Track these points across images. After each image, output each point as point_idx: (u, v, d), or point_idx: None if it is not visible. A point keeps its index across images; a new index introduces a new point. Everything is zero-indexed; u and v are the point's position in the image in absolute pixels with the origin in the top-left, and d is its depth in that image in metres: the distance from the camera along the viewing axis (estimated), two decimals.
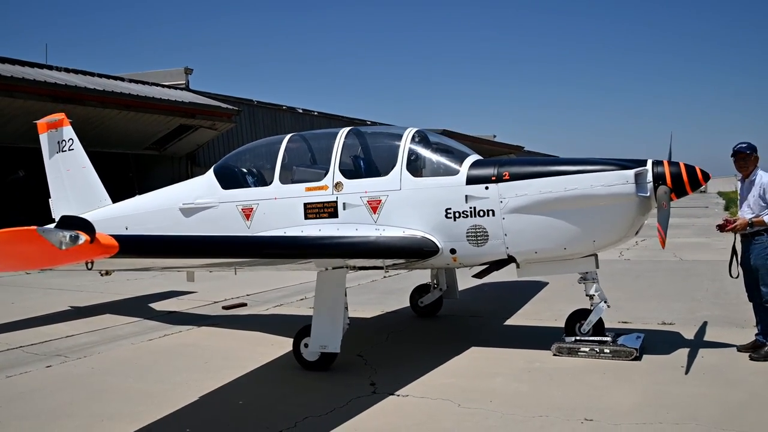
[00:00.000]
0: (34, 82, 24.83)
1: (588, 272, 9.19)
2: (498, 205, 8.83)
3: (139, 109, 29.23)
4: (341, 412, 7.14)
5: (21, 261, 5.78)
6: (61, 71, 28.60)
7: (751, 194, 8.81)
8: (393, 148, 9.62)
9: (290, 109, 43.94)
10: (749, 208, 8.79)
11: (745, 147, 8.89)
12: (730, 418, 6.65)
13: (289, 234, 9.55)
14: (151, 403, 7.59)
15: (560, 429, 6.53)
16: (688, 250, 21.56)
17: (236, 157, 11.31)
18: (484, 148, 55.27)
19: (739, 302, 12.40)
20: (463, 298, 13.01)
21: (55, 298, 15.39)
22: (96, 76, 30.34)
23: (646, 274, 16.87)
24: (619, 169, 8.61)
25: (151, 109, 29.82)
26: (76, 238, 4.64)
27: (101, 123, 28.28)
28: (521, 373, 8.44)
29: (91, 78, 29.54)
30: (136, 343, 10.83)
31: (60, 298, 15.36)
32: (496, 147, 64.15)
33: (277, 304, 14.18)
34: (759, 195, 8.71)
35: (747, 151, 8.87)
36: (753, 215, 8.69)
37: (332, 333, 8.62)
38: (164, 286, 16.54)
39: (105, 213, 12.28)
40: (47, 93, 24.82)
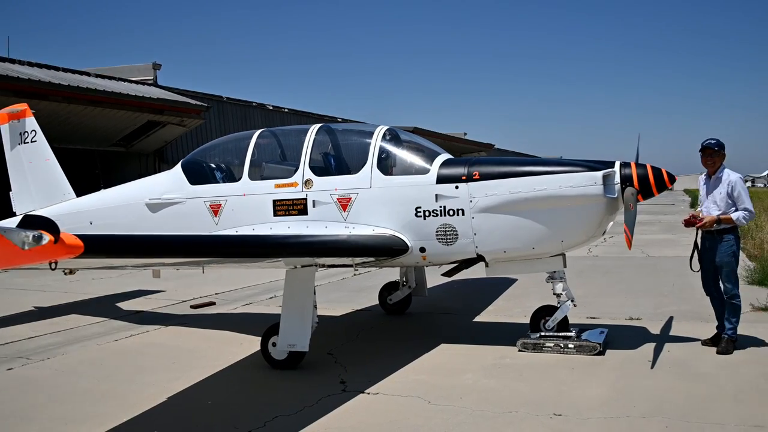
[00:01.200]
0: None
1: (556, 271, 9.29)
2: (468, 204, 8.88)
3: (106, 104, 28.79)
4: (311, 411, 7.12)
5: None
6: (24, 65, 28.07)
7: (718, 191, 8.87)
8: (364, 145, 9.62)
9: (260, 105, 43.68)
10: (715, 205, 8.84)
11: (713, 143, 8.97)
12: (695, 411, 6.79)
13: (258, 231, 9.50)
14: (117, 405, 7.48)
15: (529, 424, 6.60)
16: (655, 247, 21.88)
17: (204, 152, 11.20)
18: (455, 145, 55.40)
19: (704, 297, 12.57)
20: (432, 296, 13.04)
21: (18, 298, 15.02)
22: (61, 70, 29.82)
23: (613, 270, 17.09)
24: (587, 170, 8.72)
25: (118, 104, 29.39)
26: (40, 237, 4.55)
27: (66, 119, 27.85)
28: (491, 369, 8.50)
29: (55, 72, 29.03)
30: (102, 343, 10.66)
31: (23, 298, 15.01)
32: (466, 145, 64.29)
33: (246, 302, 14.09)
34: (727, 193, 8.76)
35: (715, 147, 8.94)
36: (720, 212, 8.74)
37: (301, 331, 8.59)
38: (131, 285, 16.31)
39: (69, 207, 12.05)
40: (10, 87, 24.27)
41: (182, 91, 35.58)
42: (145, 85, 34.07)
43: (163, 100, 31.95)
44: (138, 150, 33.82)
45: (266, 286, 15.77)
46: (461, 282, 14.25)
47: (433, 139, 11.60)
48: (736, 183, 8.80)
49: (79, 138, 29.90)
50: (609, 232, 9.63)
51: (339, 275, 17.05)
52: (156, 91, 33.23)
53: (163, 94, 33.17)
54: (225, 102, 40.24)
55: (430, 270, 11.69)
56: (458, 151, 54.44)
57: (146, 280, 14.32)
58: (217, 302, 14.11)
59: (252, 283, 16.25)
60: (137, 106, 30.27)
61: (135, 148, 33.50)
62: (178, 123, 32.87)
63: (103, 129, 30.39)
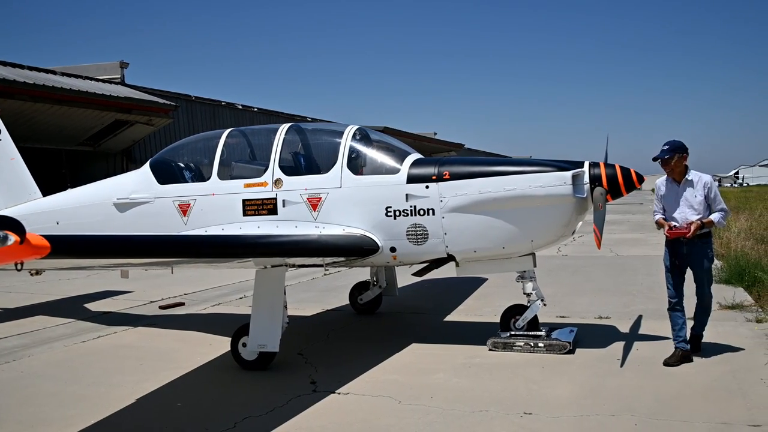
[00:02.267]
0: None
1: (526, 271, 9.34)
2: (438, 204, 8.90)
3: (73, 103, 28.49)
4: (281, 411, 7.11)
5: None
6: None
7: (692, 195, 8.52)
8: (334, 145, 9.61)
9: (229, 104, 43.48)
10: (693, 210, 8.47)
11: (666, 151, 8.53)
12: (664, 409, 6.85)
13: (227, 230, 9.46)
14: (85, 407, 7.42)
15: (500, 423, 6.62)
16: (624, 246, 22.08)
17: (173, 151, 11.12)
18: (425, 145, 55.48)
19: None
20: (402, 295, 13.05)
21: None
22: (27, 68, 29.45)
23: (583, 269, 17.21)
24: (557, 170, 8.77)
25: (85, 103, 29.08)
26: (5, 238, 4.47)
27: (32, 118, 27.52)
28: (461, 369, 8.52)
29: (21, 71, 28.66)
30: (69, 345, 10.55)
31: None
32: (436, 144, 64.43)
33: (216, 303, 14.01)
34: (704, 195, 8.48)
35: (668, 155, 8.48)
36: (699, 216, 8.41)
37: (271, 332, 8.57)
38: (99, 286, 16.13)
39: (35, 207, 11.93)
40: None
41: (150, 90, 35.30)
42: (113, 83, 33.75)
43: (131, 99, 31.67)
44: (105, 149, 33.52)
45: (236, 286, 15.69)
46: (432, 282, 14.28)
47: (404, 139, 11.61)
48: (711, 184, 8.58)
49: (46, 137, 29.56)
50: (578, 232, 9.69)
51: (309, 275, 17.01)
52: (123, 90, 32.94)
53: (130, 93, 32.88)
54: (194, 101, 39.99)
55: (400, 270, 11.69)
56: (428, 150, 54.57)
57: (114, 280, 14.24)
58: (187, 303, 14.01)
59: (221, 283, 16.16)
60: (104, 105, 29.98)
61: (102, 147, 33.19)
62: (146, 122, 32.62)
63: (69, 128, 30.07)
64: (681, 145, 8.49)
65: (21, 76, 27.20)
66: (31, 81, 26.74)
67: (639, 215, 38.11)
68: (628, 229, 29.33)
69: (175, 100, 35.42)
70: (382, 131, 10.80)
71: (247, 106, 45.10)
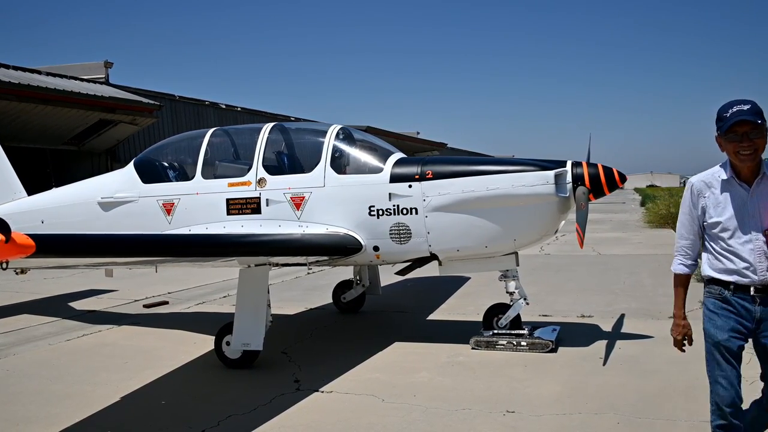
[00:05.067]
0: None
1: (508, 270, 9.37)
2: (421, 203, 8.94)
3: (57, 103, 28.45)
4: (265, 409, 7.13)
5: None
6: None
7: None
8: (317, 144, 9.65)
9: (213, 104, 43.48)
10: None
11: (751, 113, 4.49)
12: (647, 407, 6.88)
13: (211, 229, 9.49)
14: (70, 405, 7.44)
15: (483, 421, 6.63)
16: (606, 245, 22.27)
17: (157, 150, 11.13)
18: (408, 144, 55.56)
19: (654, 295, 12.88)
20: (386, 294, 13.08)
21: None
22: (11, 68, 29.42)
23: (565, 268, 17.30)
24: (540, 169, 8.81)
25: (70, 103, 29.04)
26: None
27: (17, 117, 27.47)
28: (445, 367, 8.55)
29: (5, 70, 28.61)
30: (54, 343, 10.56)
31: None
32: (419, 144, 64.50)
33: (200, 301, 14.03)
34: None
35: (759, 121, 4.50)
36: None
37: (255, 330, 8.59)
38: (83, 285, 16.13)
39: (19, 206, 11.94)
40: None
41: (134, 89, 35.27)
42: (97, 83, 33.70)
43: (115, 99, 31.64)
44: (90, 149, 33.46)
45: (219, 285, 15.72)
46: (415, 280, 14.35)
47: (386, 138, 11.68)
48: None
49: (30, 137, 29.49)
50: (561, 231, 9.73)
51: (292, 274, 17.04)
52: (108, 90, 32.89)
53: (115, 92, 32.84)
54: (178, 101, 39.97)
55: (383, 268, 11.73)
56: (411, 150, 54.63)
57: (99, 279, 14.20)
58: (170, 301, 14.03)
59: (205, 282, 16.19)
60: (89, 105, 29.95)
61: (87, 146, 33.13)
62: (131, 122, 32.59)
63: (54, 127, 30.01)
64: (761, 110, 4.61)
65: (6, 75, 27.16)
66: (16, 81, 26.70)
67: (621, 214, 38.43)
68: (610, 228, 29.64)
69: (159, 100, 35.40)
70: (365, 131, 10.85)
71: (230, 106, 45.12)
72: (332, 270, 15.87)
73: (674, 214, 28.55)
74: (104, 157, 34.13)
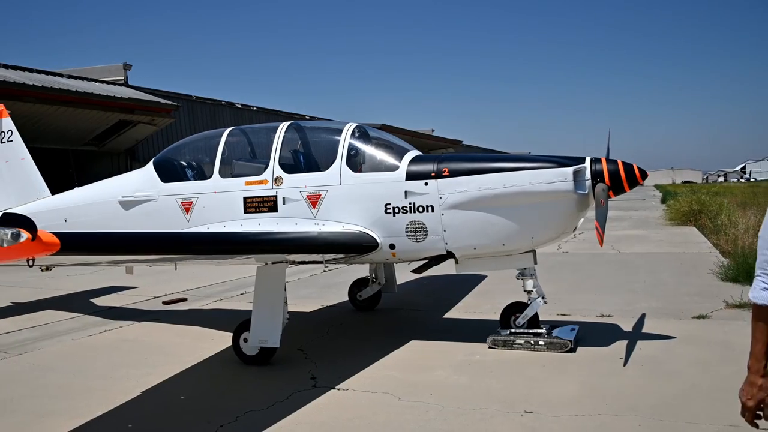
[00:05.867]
0: None
1: (526, 268, 9.27)
2: (437, 201, 8.89)
3: (78, 104, 28.82)
4: (282, 406, 7.18)
5: None
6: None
7: None
8: (333, 143, 9.66)
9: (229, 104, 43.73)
10: None
11: None
12: (668, 409, 6.75)
13: (228, 228, 9.57)
14: (92, 399, 7.57)
15: (500, 421, 6.59)
16: (626, 243, 21.96)
17: (176, 150, 11.24)
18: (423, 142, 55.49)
19: (676, 294, 12.73)
20: (402, 292, 13.06)
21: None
22: (35, 72, 29.86)
23: (584, 266, 17.11)
24: (558, 166, 8.68)
25: (90, 104, 29.40)
26: (18, 235, 4.65)
27: (40, 119, 27.85)
28: (461, 366, 8.51)
29: (29, 74, 29.05)
30: (77, 338, 10.76)
31: (1, 294, 15.18)
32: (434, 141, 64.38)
33: (218, 298, 14.15)
34: None
35: None
36: None
37: (272, 327, 8.65)
38: (105, 282, 16.36)
39: (44, 205, 12.15)
40: None
41: (152, 90, 35.60)
42: (116, 85, 34.08)
43: (134, 100, 31.99)
44: (110, 149, 33.81)
45: (237, 282, 15.83)
46: (431, 278, 14.36)
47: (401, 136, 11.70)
48: None
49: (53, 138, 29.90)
50: (579, 229, 9.57)
51: (308, 272, 17.11)
52: (127, 91, 33.23)
53: (133, 93, 33.17)
54: (195, 101, 40.28)
55: (399, 266, 11.70)
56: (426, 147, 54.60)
57: (119, 276, 14.43)
58: (189, 298, 14.17)
59: (223, 279, 16.33)
60: (108, 106, 30.32)
61: (107, 147, 33.49)
62: (149, 122, 32.90)
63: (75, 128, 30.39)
64: None
65: (30, 79, 27.59)
66: (39, 84, 27.12)
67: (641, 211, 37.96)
68: (630, 225, 29.27)
69: (176, 100, 35.69)
70: (379, 128, 10.85)
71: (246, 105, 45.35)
72: (348, 268, 15.91)
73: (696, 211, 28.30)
74: (124, 156, 34.47)
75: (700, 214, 27.73)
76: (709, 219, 25.77)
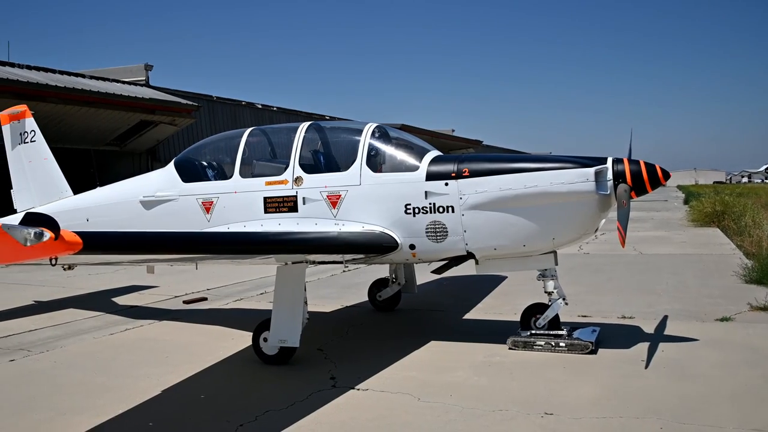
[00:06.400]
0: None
1: (547, 269, 9.23)
2: (457, 201, 8.86)
3: (100, 105, 29.08)
4: (302, 406, 7.19)
5: None
6: (23, 68, 28.47)
7: None
8: (353, 143, 9.66)
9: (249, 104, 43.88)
10: None
11: None
12: (690, 412, 6.69)
13: (249, 228, 9.59)
14: (113, 397, 7.62)
15: (520, 423, 6.56)
16: (648, 244, 21.85)
17: (197, 150, 11.29)
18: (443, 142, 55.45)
19: (699, 296, 12.63)
20: (421, 293, 13.03)
21: (19, 292, 15.38)
22: (57, 72, 30.17)
23: (605, 267, 17.00)
24: (579, 167, 8.62)
25: (112, 105, 29.66)
26: (41, 234, 4.69)
27: (63, 119, 28.11)
28: (481, 367, 8.49)
29: (52, 75, 29.35)
30: (99, 337, 10.84)
31: (23, 292, 15.36)
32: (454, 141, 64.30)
33: (238, 298, 14.20)
34: None
35: None
36: None
37: (291, 327, 8.67)
38: (126, 281, 16.48)
39: (66, 204, 12.26)
40: (9, 90, 24.73)
41: (173, 91, 35.81)
42: (138, 85, 34.34)
43: (155, 100, 32.21)
44: (131, 149, 34.06)
45: (257, 282, 15.89)
46: (451, 279, 14.34)
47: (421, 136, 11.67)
48: None
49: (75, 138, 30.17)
50: (600, 229, 9.49)
51: (328, 272, 17.14)
52: (148, 92, 33.45)
53: (154, 94, 33.39)
54: (215, 101, 40.47)
55: (419, 266, 11.68)
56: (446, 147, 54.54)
57: (140, 275, 14.54)
58: (210, 298, 14.23)
59: (243, 279, 16.39)
60: (130, 107, 30.57)
61: (128, 147, 33.73)
62: (170, 122, 33.10)
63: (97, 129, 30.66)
64: None
65: (53, 80, 27.87)
66: (61, 84, 27.39)
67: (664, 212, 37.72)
68: (652, 226, 29.09)
69: (197, 101, 35.88)
70: (399, 128, 10.83)
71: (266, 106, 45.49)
72: (368, 268, 15.91)
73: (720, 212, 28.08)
74: (145, 156, 34.70)
75: (723, 215, 27.55)
76: (732, 220, 25.58)
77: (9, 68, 27.57)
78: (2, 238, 4.63)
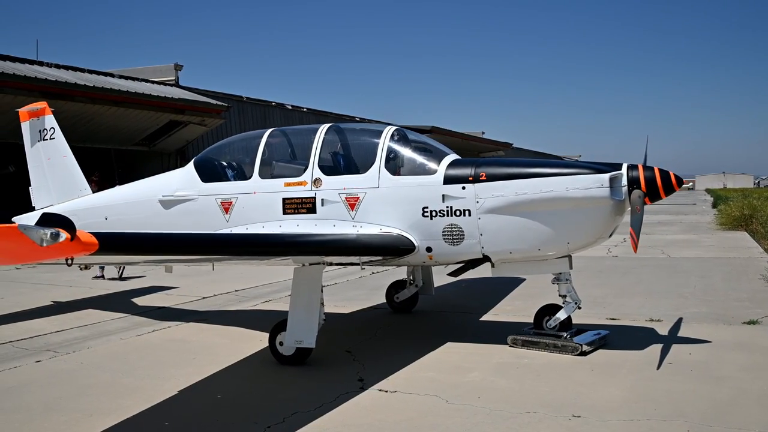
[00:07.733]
0: (24, 77, 24.60)
1: (561, 273, 9.32)
2: (474, 205, 8.93)
3: (129, 105, 29.15)
4: (329, 407, 7.21)
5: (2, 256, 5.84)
6: (51, 67, 28.51)
7: None
8: (372, 145, 9.71)
9: (279, 105, 43.92)
10: None
11: None
12: (718, 415, 6.69)
13: (267, 228, 9.66)
14: (140, 398, 7.66)
15: (548, 425, 6.58)
16: (676, 247, 21.77)
17: (217, 150, 11.37)
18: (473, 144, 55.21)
19: (726, 299, 12.60)
20: (439, 295, 13.04)
21: (45, 293, 15.48)
22: (86, 72, 30.23)
23: (633, 270, 16.94)
24: (594, 172, 8.70)
25: (141, 104, 29.71)
26: (57, 235, 4.72)
27: (91, 119, 28.26)
28: (509, 369, 8.52)
29: (81, 74, 29.43)
30: (125, 338, 10.91)
31: (49, 293, 15.46)
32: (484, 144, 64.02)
33: (266, 299, 14.25)
34: None
35: None
36: None
37: (308, 328, 8.72)
38: (152, 281, 16.63)
39: (85, 202, 12.34)
40: (37, 89, 24.71)
41: (203, 91, 35.92)
42: (167, 85, 34.44)
43: (185, 101, 32.29)
44: (160, 149, 34.18)
45: (285, 283, 15.65)
46: (468, 281, 14.32)
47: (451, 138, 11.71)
48: None
49: (103, 137, 30.33)
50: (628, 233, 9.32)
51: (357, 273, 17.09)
52: (177, 92, 33.59)
53: (184, 94, 33.51)
54: (245, 102, 40.52)
55: (436, 269, 11.72)
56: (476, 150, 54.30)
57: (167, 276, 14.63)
58: (237, 299, 14.33)
59: (271, 280, 16.37)
60: (159, 107, 30.64)
61: (157, 147, 33.85)
62: (200, 123, 33.20)
63: (125, 129, 30.78)
64: None
65: (81, 79, 27.99)
66: (90, 84, 27.52)
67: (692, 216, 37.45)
68: (680, 230, 28.91)
69: (226, 101, 35.95)
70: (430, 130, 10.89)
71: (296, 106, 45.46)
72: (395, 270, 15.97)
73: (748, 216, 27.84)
74: (174, 157, 34.80)
75: (751, 219, 27.36)
76: (760, 224, 25.36)
77: (37, 67, 27.64)
78: (19, 238, 4.68)
